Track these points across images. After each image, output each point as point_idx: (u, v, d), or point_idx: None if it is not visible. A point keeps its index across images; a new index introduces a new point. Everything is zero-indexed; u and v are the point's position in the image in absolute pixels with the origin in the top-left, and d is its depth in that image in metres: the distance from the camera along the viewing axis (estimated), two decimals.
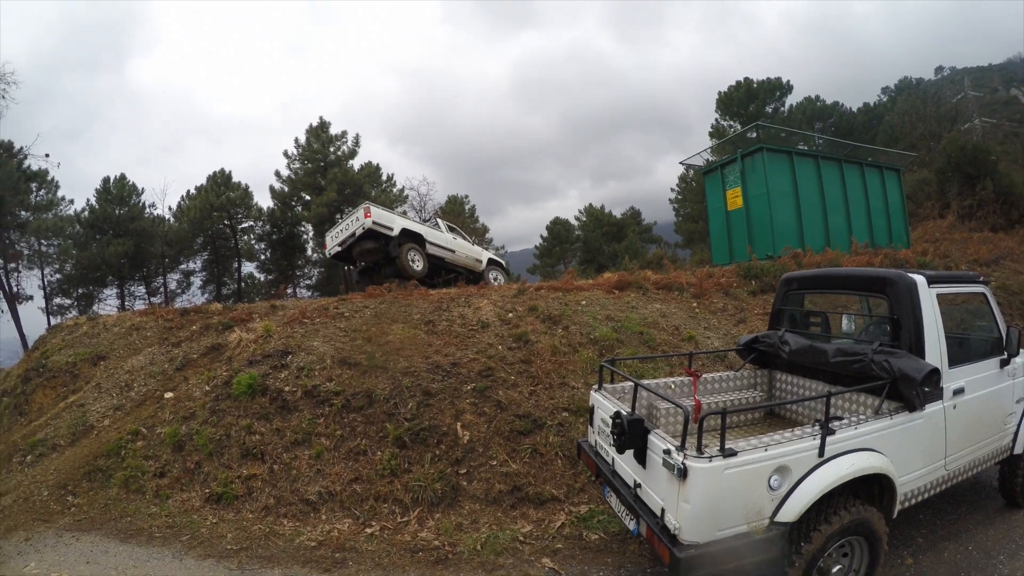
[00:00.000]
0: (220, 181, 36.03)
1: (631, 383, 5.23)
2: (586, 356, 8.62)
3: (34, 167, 33.19)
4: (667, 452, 3.82)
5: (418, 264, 15.38)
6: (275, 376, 8.31)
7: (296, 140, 37.30)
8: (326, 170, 36.19)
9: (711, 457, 3.63)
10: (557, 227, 48.15)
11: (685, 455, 3.68)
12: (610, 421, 4.73)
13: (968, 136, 30.32)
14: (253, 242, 37.96)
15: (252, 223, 37.55)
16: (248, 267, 39.06)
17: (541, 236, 49.15)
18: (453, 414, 7.33)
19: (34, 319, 33.96)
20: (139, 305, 35.77)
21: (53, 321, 32.60)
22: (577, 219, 48.60)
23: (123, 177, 35.70)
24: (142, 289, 36.76)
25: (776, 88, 36.54)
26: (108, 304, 35.38)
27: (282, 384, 8.14)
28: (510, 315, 9.58)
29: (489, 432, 7.15)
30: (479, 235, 39.91)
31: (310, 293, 38.73)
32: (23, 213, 33.77)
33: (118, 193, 35.21)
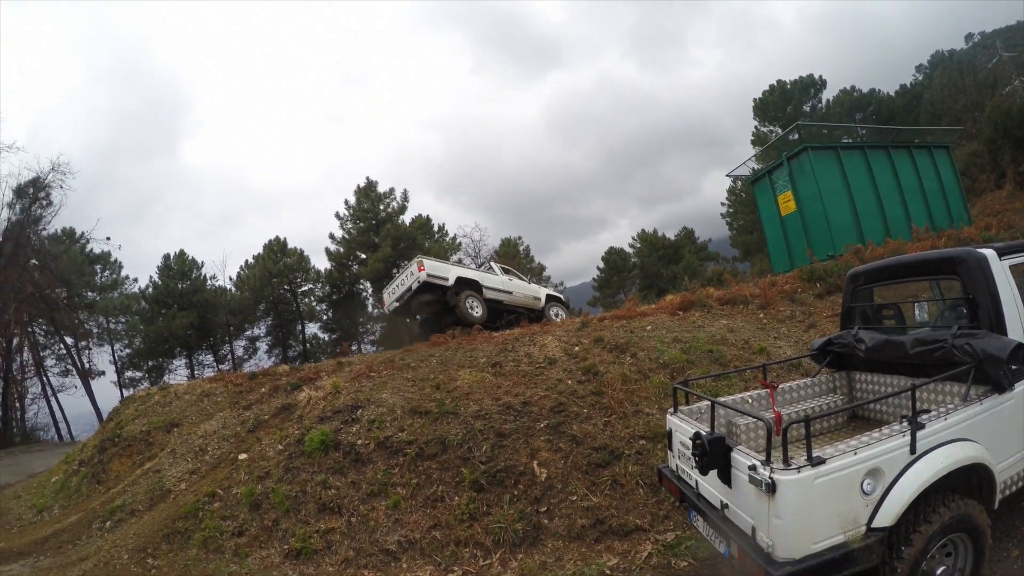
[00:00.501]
0: (276, 248, 37.05)
1: (707, 402, 4.98)
2: (657, 381, 8.33)
3: (96, 250, 34.88)
4: (752, 468, 3.63)
5: (477, 310, 15.34)
6: (347, 430, 8.29)
7: (346, 202, 38.16)
8: (378, 227, 36.85)
9: (799, 468, 3.43)
10: (613, 257, 47.75)
11: (772, 469, 3.49)
12: (690, 443, 4.51)
13: (1011, 100, 28.99)
14: (314, 303, 38.76)
15: (311, 285, 38.44)
16: (312, 328, 39.87)
17: (598, 268, 48.79)
18: (528, 453, 7.15)
19: (107, 393, 35.29)
20: (208, 373, 36.83)
21: (126, 393, 33.92)
22: (631, 246, 48.16)
23: (182, 253, 37.16)
24: (210, 357, 37.89)
25: (810, 86, 35.75)
26: (178, 374, 36.60)
27: (354, 438, 8.12)
28: (576, 348, 9.38)
29: (567, 467, 6.94)
30: (536, 274, 39.72)
31: (374, 348, 39.20)
32: (90, 294, 35.56)
33: (179, 268, 36.64)
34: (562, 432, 7.36)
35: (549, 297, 18.09)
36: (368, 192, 37.74)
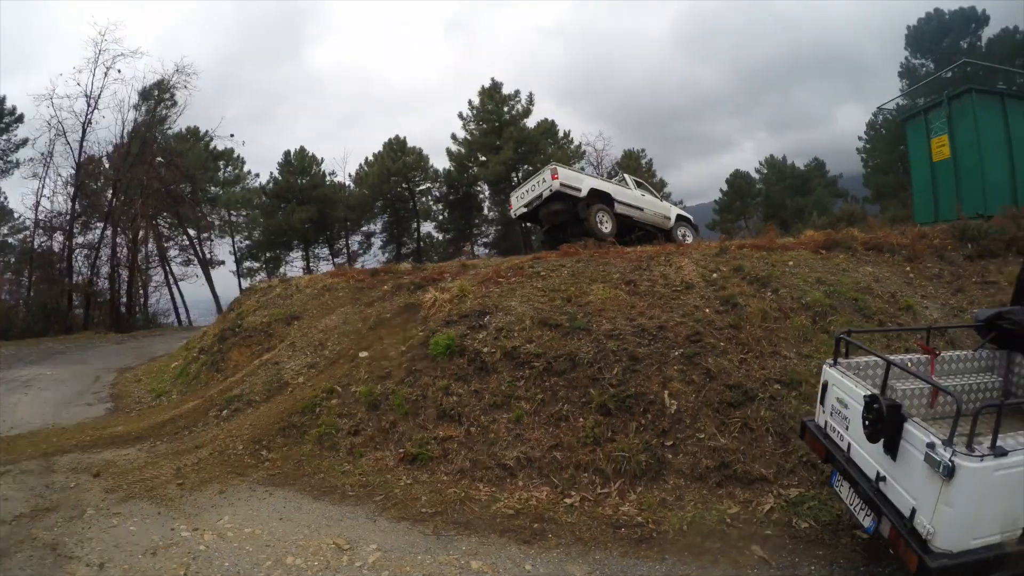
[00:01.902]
0: (396, 147, 37.42)
1: (875, 358, 4.59)
2: (798, 323, 7.71)
3: (220, 147, 36.53)
4: (931, 446, 3.25)
5: (607, 225, 14.54)
6: (473, 337, 7.97)
7: (470, 102, 37.79)
8: (501, 130, 36.36)
9: (982, 456, 3.09)
10: (738, 181, 45.50)
11: (955, 451, 3.12)
12: (849, 402, 4.21)
13: None
14: (430, 203, 39.22)
15: (429, 184, 38.82)
16: (426, 227, 40.59)
17: (721, 190, 46.79)
18: (660, 381, 6.75)
19: (226, 281, 37.63)
20: (324, 265, 38.47)
21: (244, 283, 35.98)
22: (758, 171, 45.67)
23: (303, 150, 38.16)
24: (326, 251, 39.38)
25: (971, 20, 31.45)
26: (294, 266, 38.50)
27: (480, 345, 7.79)
28: (714, 275, 8.80)
29: (697, 402, 6.52)
30: (658, 189, 38.33)
31: (487, 251, 39.61)
32: (213, 188, 37.34)
33: (299, 164, 37.72)
34: (696, 364, 6.93)
35: (679, 217, 16.96)
36: (493, 93, 37.05)
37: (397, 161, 36.36)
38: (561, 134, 38.07)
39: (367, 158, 39.08)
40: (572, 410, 6.72)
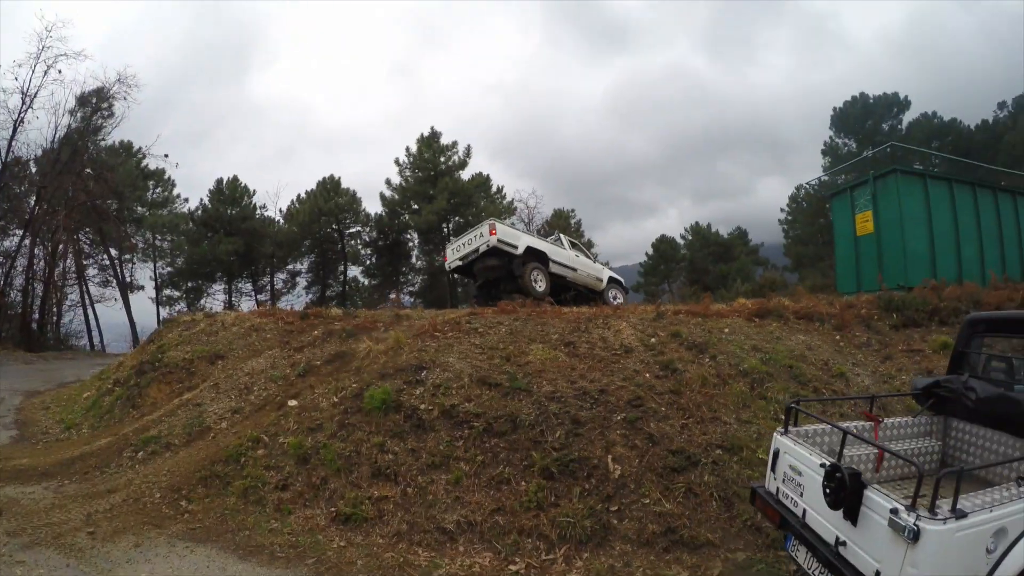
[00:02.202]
0: (329, 187, 36.87)
1: (824, 426, 4.87)
2: (737, 389, 7.77)
3: (152, 166, 34.55)
4: (894, 512, 3.39)
5: (541, 284, 14.49)
6: (410, 392, 7.69)
7: (407, 149, 37.74)
8: (436, 179, 36.33)
9: (945, 519, 3.27)
10: (663, 245, 46.73)
11: (919, 516, 3.28)
12: (804, 470, 4.35)
13: None
14: (359, 247, 38.59)
15: (359, 228, 38.26)
16: (353, 271, 39.81)
17: (646, 254, 47.71)
18: (603, 445, 6.62)
19: (143, 307, 35.64)
20: (246, 301, 36.88)
21: (162, 312, 34.17)
22: (683, 237, 47.14)
23: (236, 179, 37.07)
24: (249, 286, 37.97)
25: (893, 104, 34.15)
26: (215, 299, 36.89)
27: (417, 401, 7.51)
28: (652, 340, 8.82)
29: (641, 467, 6.41)
30: (587, 249, 38.75)
31: (412, 300, 39.16)
32: (140, 208, 35.60)
33: (231, 194, 36.53)
34: (638, 428, 6.84)
35: (611, 279, 17.13)
36: (431, 142, 37.14)
37: (330, 201, 35.73)
38: (494, 189, 38.54)
39: (299, 195, 38.51)
40: (514, 473, 6.48)
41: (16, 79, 27.15)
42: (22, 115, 25.28)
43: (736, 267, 39.70)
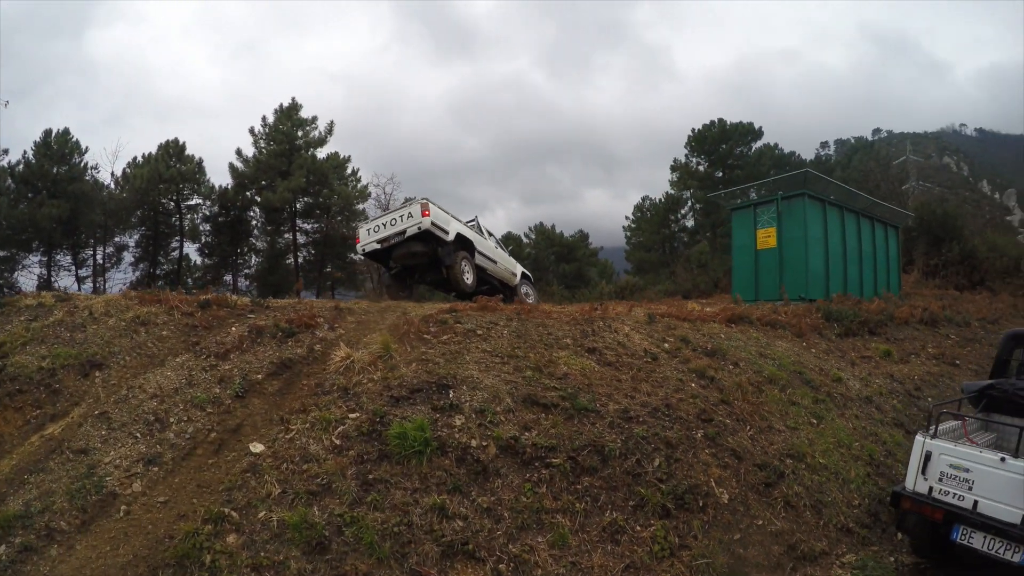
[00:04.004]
0: (172, 152, 31.93)
1: (953, 423, 6.18)
2: (774, 396, 7.65)
3: None
4: None
5: (469, 276, 12.86)
6: (447, 423, 5.76)
7: (264, 119, 33.63)
8: (292, 155, 33.06)
9: None
10: (510, 243, 46.69)
11: None
12: (972, 467, 5.31)
13: (905, 198, 31.81)
14: (199, 222, 34.25)
15: (200, 201, 33.91)
16: (188, 248, 35.25)
17: None
18: (701, 468, 5.93)
19: None
20: (65, 278, 31.16)
21: None
22: (527, 236, 47.55)
23: (66, 132, 30.56)
24: (68, 259, 32.16)
25: (748, 132, 37.13)
26: (31, 272, 30.39)
27: (463, 436, 5.64)
28: (666, 346, 8.20)
29: (742, 487, 5.97)
30: None
31: (248, 284, 35.70)
32: None
33: (59, 149, 30.22)
34: (720, 444, 6.29)
35: (523, 275, 15.91)
36: (291, 114, 33.48)
37: (171, 168, 31.15)
38: (349, 171, 36.04)
39: (137, 158, 32.72)
40: (626, 518, 5.37)
41: None
42: None
43: (599, 270, 40.91)
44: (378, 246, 12.77)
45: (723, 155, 36.90)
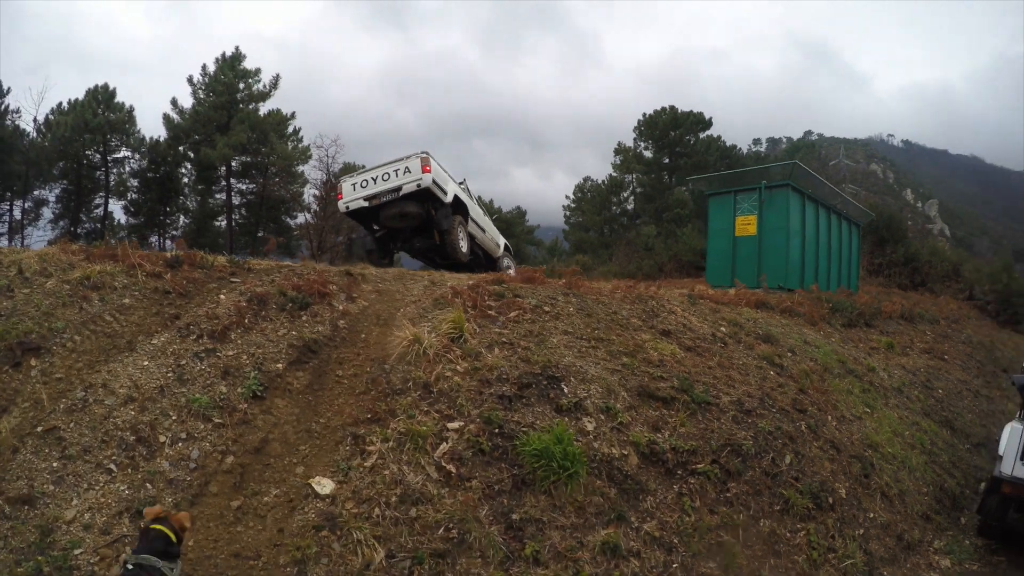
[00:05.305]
0: (101, 99, 29.12)
1: None
2: (835, 385, 7.70)
3: None
4: None
5: (464, 244, 11.48)
6: (579, 428, 4.87)
7: (203, 67, 31.25)
8: (232, 108, 30.95)
9: None
10: None
11: None
12: None
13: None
14: (127, 177, 31.64)
15: (129, 154, 31.28)
16: (112, 206, 32.53)
17: None
18: (819, 463, 5.79)
19: None
20: None
21: None
22: None
23: None
24: None
25: (699, 121, 37.89)
26: None
27: (600, 444, 4.79)
28: (723, 329, 8.04)
29: (850, 480, 5.88)
30: None
31: (173, 245, 33.31)
32: None
33: None
34: (820, 436, 6.18)
35: (506, 246, 14.84)
36: (233, 64, 31.23)
37: (99, 116, 28.46)
38: (291, 130, 34.11)
39: (62, 104, 29.45)
40: (777, 525, 5.02)
41: None
42: None
43: (513, 245, 41.06)
44: (365, 204, 11.09)
45: (673, 141, 37.59)
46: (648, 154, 38.96)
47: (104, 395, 4.38)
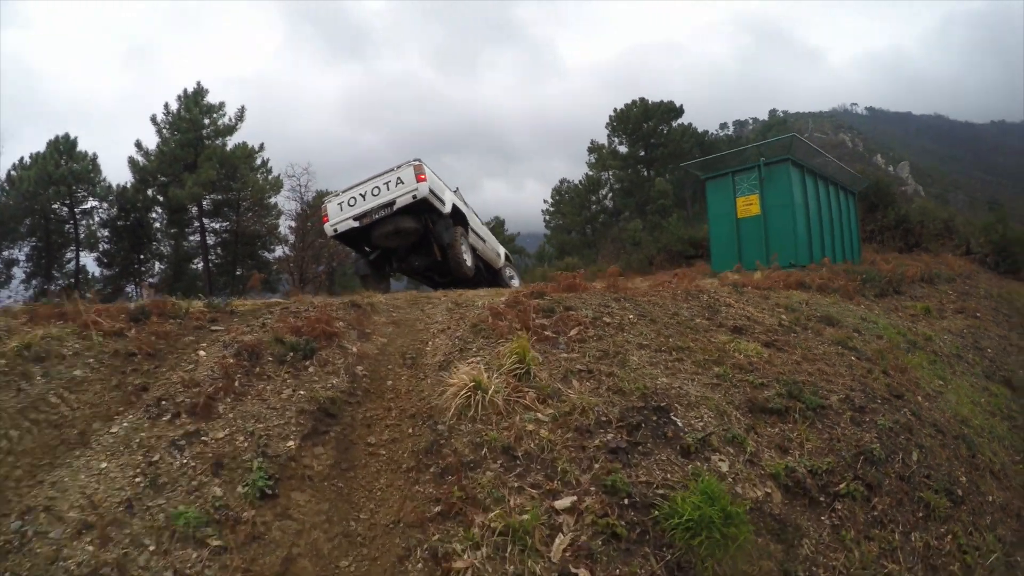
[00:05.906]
0: (63, 149, 28.18)
1: None
2: (911, 361, 7.45)
3: None
4: None
5: (469, 258, 10.65)
6: (713, 470, 4.13)
7: (166, 106, 30.36)
8: (199, 145, 30.08)
9: None
10: None
11: None
12: None
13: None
14: (96, 228, 30.61)
15: (96, 204, 30.29)
16: (85, 258, 31.47)
17: None
18: (936, 453, 5.49)
19: None
20: None
21: None
22: None
23: None
24: None
25: (671, 111, 38.01)
26: None
27: (741, 486, 4.09)
28: (783, 316, 7.70)
29: (964, 465, 5.59)
30: None
31: (155, 293, 32.39)
32: None
33: None
34: (924, 420, 5.88)
35: (507, 256, 14.13)
36: (197, 99, 30.42)
37: (62, 167, 27.49)
38: (259, 162, 33.46)
39: (23, 159, 28.63)
40: (927, 537, 4.55)
41: None
42: None
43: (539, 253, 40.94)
44: (356, 224, 10.06)
45: (647, 133, 37.70)
46: (623, 149, 39.12)
47: (48, 523, 3.12)
